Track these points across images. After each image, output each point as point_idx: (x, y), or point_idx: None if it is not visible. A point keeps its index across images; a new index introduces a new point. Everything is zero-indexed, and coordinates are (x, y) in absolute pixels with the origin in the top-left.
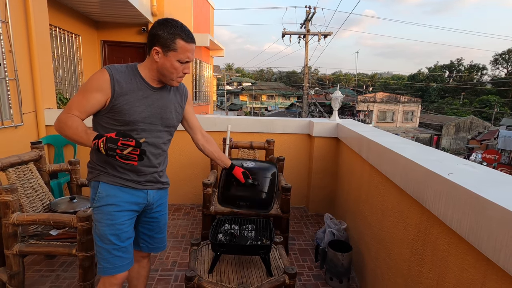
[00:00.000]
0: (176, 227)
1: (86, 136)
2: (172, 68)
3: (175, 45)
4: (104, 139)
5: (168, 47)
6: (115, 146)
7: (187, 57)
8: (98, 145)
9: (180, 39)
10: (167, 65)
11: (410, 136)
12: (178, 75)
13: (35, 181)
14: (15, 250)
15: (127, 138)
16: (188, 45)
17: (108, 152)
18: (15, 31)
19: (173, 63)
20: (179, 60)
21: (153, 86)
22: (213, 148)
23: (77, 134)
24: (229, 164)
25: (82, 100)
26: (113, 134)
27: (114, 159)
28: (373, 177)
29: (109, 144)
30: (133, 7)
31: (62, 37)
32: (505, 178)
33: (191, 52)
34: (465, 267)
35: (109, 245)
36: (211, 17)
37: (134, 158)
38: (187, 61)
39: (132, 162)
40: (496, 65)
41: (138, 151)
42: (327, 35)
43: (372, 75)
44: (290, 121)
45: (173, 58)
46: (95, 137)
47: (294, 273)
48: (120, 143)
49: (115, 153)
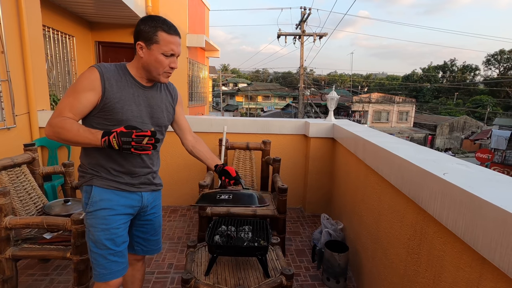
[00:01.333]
0: (172, 229)
1: (92, 135)
2: (156, 62)
3: (157, 38)
4: (115, 134)
5: (150, 40)
6: (130, 139)
7: (171, 49)
8: (109, 141)
9: (161, 31)
10: (152, 60)
11: (405, 136)
12: (164, 69)
13: (28, 183)
14: (8, 254)
15: (140, 129)
16: (171, 37)
17: (123, 146)
18: (7, 32)
19: (157, 57)
20: (163, 53)
21: (143, 84)
22: (204, 149)
23: (80, 135)
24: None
25: (73, 102)
26: (123, 128)
27: (129, 151)
28: (369, 177)
29: (123, 138)
30: (127, 8)
31: (55, 38)
32: (499, 177)
33: (175, 45)
34: (461, 266)
35: (105, 250)
36: (207, 18)
37: (149, 148)
38: (172, 54)
39: (147, 151)
40: (488, 65)
41: (153, 140)
42: (322, 36)
43: (367, 76)
44: (286, 121)
45: (156, 52)
46: (103, 134)
47: (291, 274)
48: (135, 135)
49: (131, 145)
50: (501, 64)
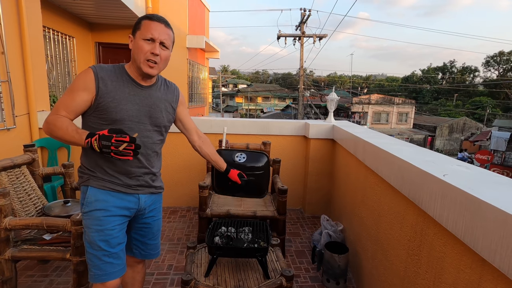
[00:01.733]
0: (172, 230)
1: (77, 135)
2: (137, 48)
3: (140, 25)
4: (97, 137)
5: (135, 29)
6: (109, 143)
7: (151, 33)
8: (91, 143)
9: (145, 19)
10: (135, 48)
11: (405, 137)
12: (145, 56)
13: (28, 184)
14: (7, 255)
15: (120, 135)
16: (152, 22)
17: (103, 149)
18: (7, 33)
19: (138, 42)
20: (143, 38)
21: (141, 84)
22: (209, 150)
23: (68, 134)
24: (224, 167)
25: (68, 100)
26: (106, 131)
27: (109, 155)
28: (369, 179)
29: (103, 142)
30: (127, 9)
31: (56, 38)
32: (499, 178)
33: (156, 30)
34: (461, 267)
35: (99, 251)
36: (207, 19)
37: (129, 154)
38: (152, 39)
39: (127, 157)
40: (487, 67)
41: (133, 146)
42: (322, 37)
43: (366, 77)
44: (286, 123)
45: (138, 38)
46: (87, 135)
47: (291, 276)
48: (114, 139)
49: (110, 150)
50: (501, 65)
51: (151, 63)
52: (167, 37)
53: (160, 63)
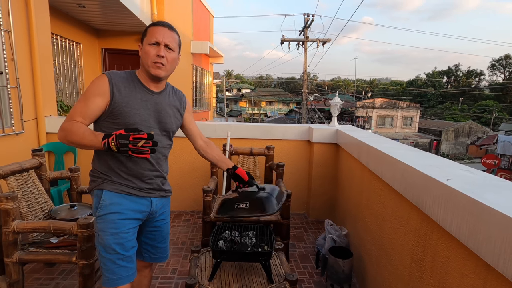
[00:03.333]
0: (176, 234)
1: (95, 138)
2: (145, 53)
3: (146, 32)
4: (114, 136)
5: (142, 37)
6: (127, 142)
7: (155, 37)
8: (108, 143)
9: (150, 26)
10: (143, 53)
11: (410, 142)
12: (151, 59)
13: (36, 188)
14: (15, 258)
15: (137, 132)
16: (156, 27)
17: (121, 148)
18: (17, 40)
19: (145, 48)
20: (149, 42)
21: (151, 90)
22: (214, 152)
23: (85, 137)
24: (231, 164)
25: (83, 107)
26: (122, 131)
27: (127, 154)
28: (373, 183)
29: (120, 141)
30: (133, 16)
31: (63, 45)
32: (502, 183)
33: (160, 34)
34: (466, 272)
35: (114, 254)
36: (211, 25)
37: (147, 151)
38: (156, 42)
39: (145, 155)
40: (493, 70)
41: (150, 143)
42: (325, 42)
43: (370, 81)
44: (290, 127)
45: (145, 44)
46: (103, 137)
47: (295, 280)
48: (132, 137)
49: (128, 148)
50: (507, 69)
51: (158, 65)
52: (172, 39)
53: (167, 64)
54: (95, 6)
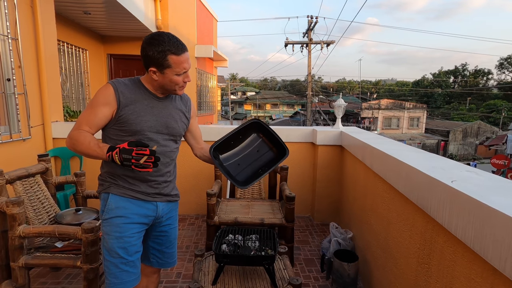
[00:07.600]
0: (180, 238)
1: (99, 149)
2: (171, 82)
3: (168, 62)
4: (117, 150)
5: (162, 65)
6: (130, 157)
7: (184, 68)
8: (112, 157)
9: (171, 54)
10: (167, 81)
11: (417, 143)
12: (179, 86)
13: (42, 193)
14: (21, 263)
15: (140, 148)
16: (181, 57)
17: (124, 162)
18: (24, 47)
19: (172, 78)
20: (177, 73)
21: (157, 96)
22: None
23: (90, 148)
24: None
25: (90, 116)
26: (125, 145)
27: (130, 168)
28: (378, 185)
29: (123, 155)
30: (138, 22)
31: (69, 51)
32: (509, 184)
33: (186, 62)
34: (472, 276)
35: (117, 259)
36: (215, 29)
37: (149, 166)
38: (184, 72)
39: (147, 169)
40: (501, 69)
41: (153, 158)
42: (329, 44)
43: (376, 82)
44: (294, 129)
45: (170, 74)
46: (108, 149)
47: (299, 284)
48: (135, 153)
49: (131, 163)
50: None
51: (183, 87)
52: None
53: None
54: (100, 13)
